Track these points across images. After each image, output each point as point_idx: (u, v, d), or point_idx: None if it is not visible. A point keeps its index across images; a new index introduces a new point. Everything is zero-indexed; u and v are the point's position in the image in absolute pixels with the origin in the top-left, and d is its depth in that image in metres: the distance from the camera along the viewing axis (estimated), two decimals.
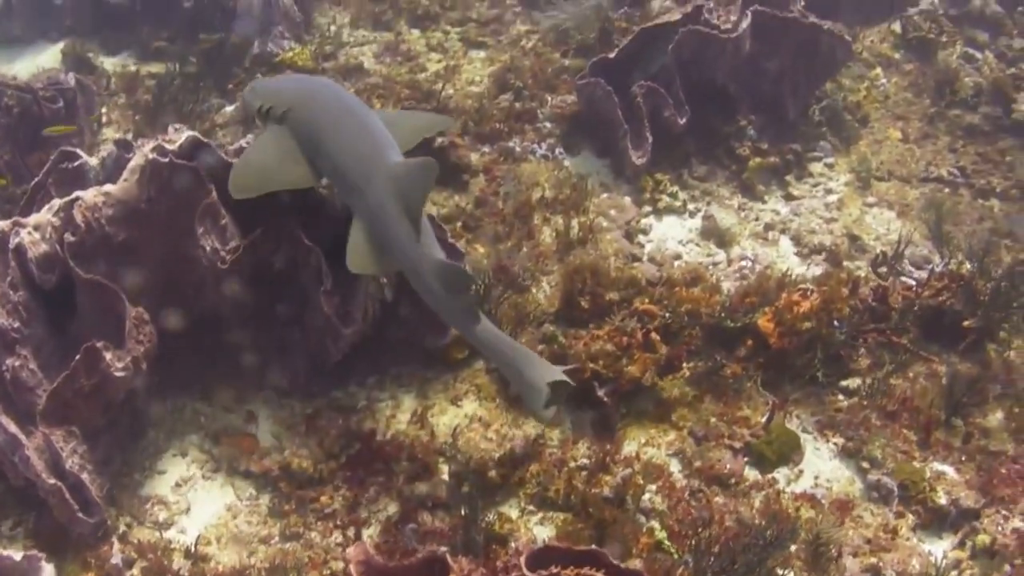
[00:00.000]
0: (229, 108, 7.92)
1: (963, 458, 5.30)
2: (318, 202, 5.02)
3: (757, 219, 7.07)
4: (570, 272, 5.68)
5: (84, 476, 4.52)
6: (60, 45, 9.60)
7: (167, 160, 4.62)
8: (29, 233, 4.64)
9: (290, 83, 5.71)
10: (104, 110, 7.94)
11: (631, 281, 5.75)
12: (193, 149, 4.80)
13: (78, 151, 5.42)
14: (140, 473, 4.97)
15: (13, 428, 4.43)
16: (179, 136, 4.86)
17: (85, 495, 4.50)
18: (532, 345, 5.26)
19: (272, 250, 4.89)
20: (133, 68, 8.59)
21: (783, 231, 6.98)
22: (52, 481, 4.39)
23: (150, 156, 4.62)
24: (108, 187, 4.70)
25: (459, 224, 6.40)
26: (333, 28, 9.08)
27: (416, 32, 9.06)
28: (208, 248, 4.78)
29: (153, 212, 4.72)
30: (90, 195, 4.66)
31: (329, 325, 4.88)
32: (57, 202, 4.72)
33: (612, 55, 7.25)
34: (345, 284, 4.92)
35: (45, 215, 4.71)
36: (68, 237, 4.60)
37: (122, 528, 4.73)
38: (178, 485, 4.94)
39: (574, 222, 6.38)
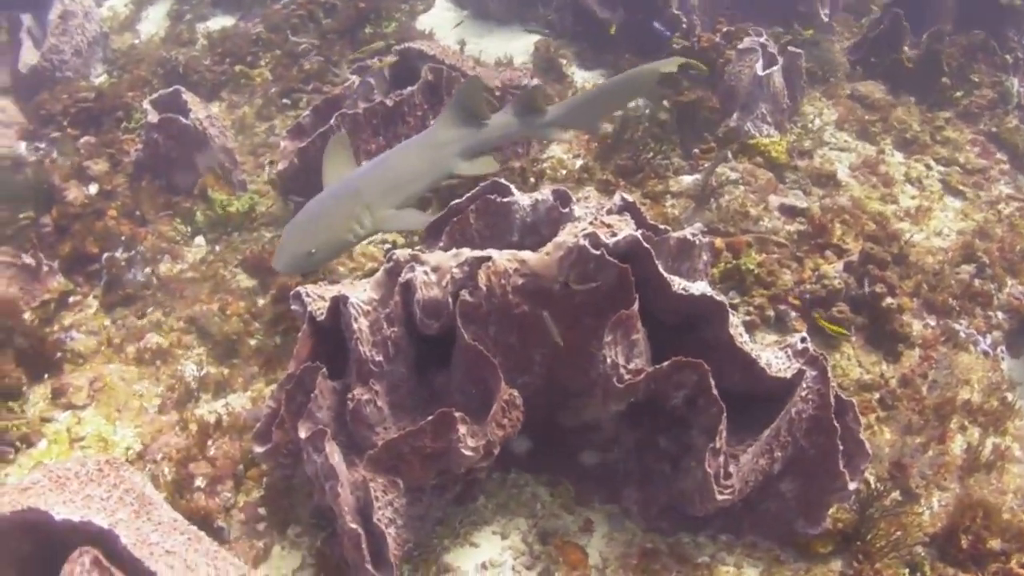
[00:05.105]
0: (688, 179, 7.16)
1: None
2: (748, 361, 4.21)
3: None
4: (964, 506, 4.91)
5: (390, 531, 4.05)
6: (535, 38, 9.61)
7: (598, 253, 3.97)
8: (425, 273, 4.18)
9: (323, 198, 5.54)
10: None
11: (1019, 533, 4.92)
12: (629, 249, 4.10)
13: (511, 187, 4.88)
14: (451, 538, 4.41)
15: (336, 458, 4.02)
16: (622, 227, 4.20)
17: (382, 550, 3.99)
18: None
19: (676, 386, 4.15)
20: None
21: None
22: (354, 526, 3.93)
23: (581, 241, 3.98)
24: (526, 255, 4.13)
25: (876, 397, 5.57)
26: (817, 122, 8.41)
27: (899, 156, 8.29)
28: (609, 360, 4.08)
29: (564, 298, 4.10)
30: (504, 259, 4.11)
31: (704, 483, 4.12)
32: (467, 253, 4.20)
33: None
34: (736, 447, 4.18)
35: (449, 260, 4.20)
36: (464, 295, 4.09)
37: None
38: (484, 567, 4.31)
39: (989, 441, 5.48)
